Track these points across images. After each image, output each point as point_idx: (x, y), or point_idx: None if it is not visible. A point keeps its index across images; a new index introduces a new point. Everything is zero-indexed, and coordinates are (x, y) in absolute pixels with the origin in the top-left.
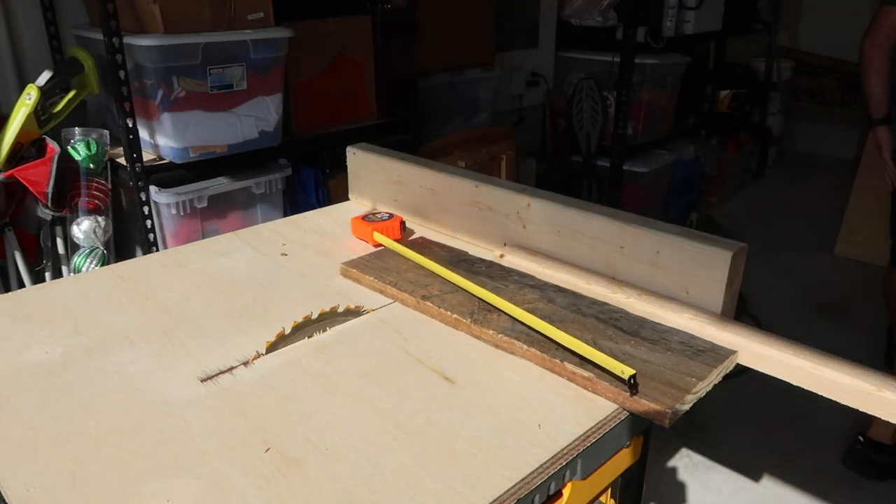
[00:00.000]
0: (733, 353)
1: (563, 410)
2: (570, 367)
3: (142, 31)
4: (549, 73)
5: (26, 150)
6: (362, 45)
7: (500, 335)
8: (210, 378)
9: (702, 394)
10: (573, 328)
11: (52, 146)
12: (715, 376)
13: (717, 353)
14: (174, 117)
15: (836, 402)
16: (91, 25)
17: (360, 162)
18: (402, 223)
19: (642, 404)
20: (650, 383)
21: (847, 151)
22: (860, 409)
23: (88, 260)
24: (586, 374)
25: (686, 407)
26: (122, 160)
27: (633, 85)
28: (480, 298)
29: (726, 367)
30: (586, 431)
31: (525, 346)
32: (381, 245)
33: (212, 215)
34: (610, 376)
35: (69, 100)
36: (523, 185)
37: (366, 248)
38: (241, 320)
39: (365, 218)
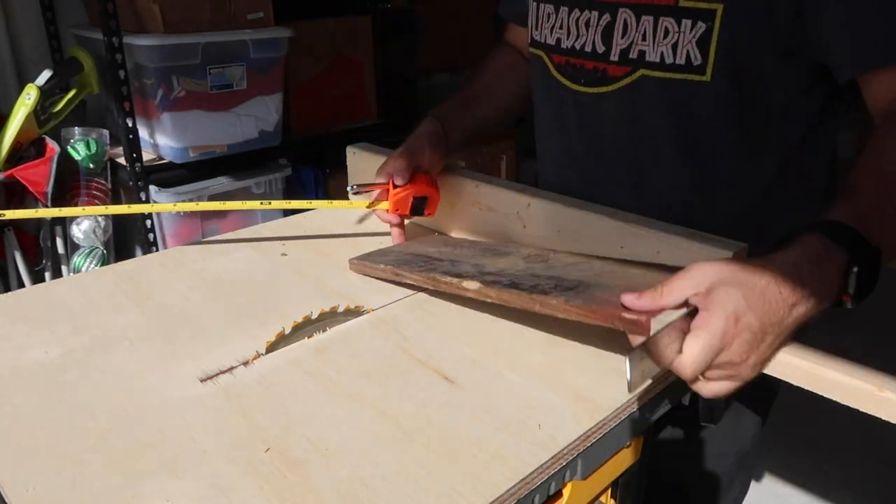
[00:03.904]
0: None
1: (563, 410)
2: (537, 297)
3: (142, 30)
4: None
5: (26, 149)
6: (362, 45)
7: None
8: (210, 378)
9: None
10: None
11: (52, 146)
12: None
13: None
14: (174, 117)
15: (836, 402)
16: (91, 25)
17: (360, 162)
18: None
19: (609, 313)
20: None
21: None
22: (861, 410)
23: (88, 260)
24: (554, 300)
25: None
26: (121, 160)
27: None
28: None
29: None
30: (586, 431)
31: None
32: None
33: (212, 215)
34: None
35: (69, 99)
36: (523, 185)
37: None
38: (241, 320)
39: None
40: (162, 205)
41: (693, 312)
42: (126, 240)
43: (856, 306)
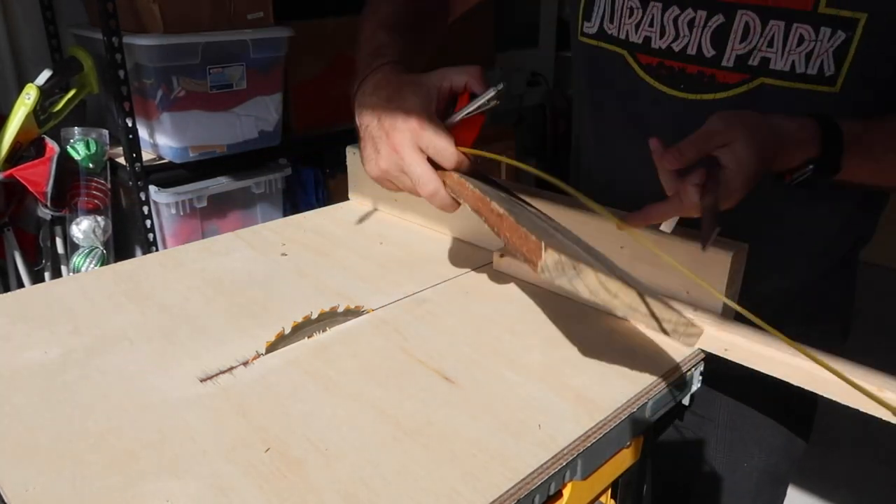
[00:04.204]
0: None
1: (563, 410)
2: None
3: (141, 30)
4: (549, 73)
5: (26, 149)
6: None
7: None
8: (210, 378)
9: None
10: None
11: (52, 146)
12: None
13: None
14: (174, 117)
15: (835, 402)
16: (90, 25)
17: (360, 162)
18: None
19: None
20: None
21: None
22: (861, 410)
23: (88, 260)
24: (500, 210)
25: None
26: (121, 160)
27: None
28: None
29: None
30: (586, 431)
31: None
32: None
33: (212, 215)
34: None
35: (69, 99)
36: (523, 185)
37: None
38: (241, 320)
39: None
40: None
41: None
42: (126, 240)
43: (788, 185)
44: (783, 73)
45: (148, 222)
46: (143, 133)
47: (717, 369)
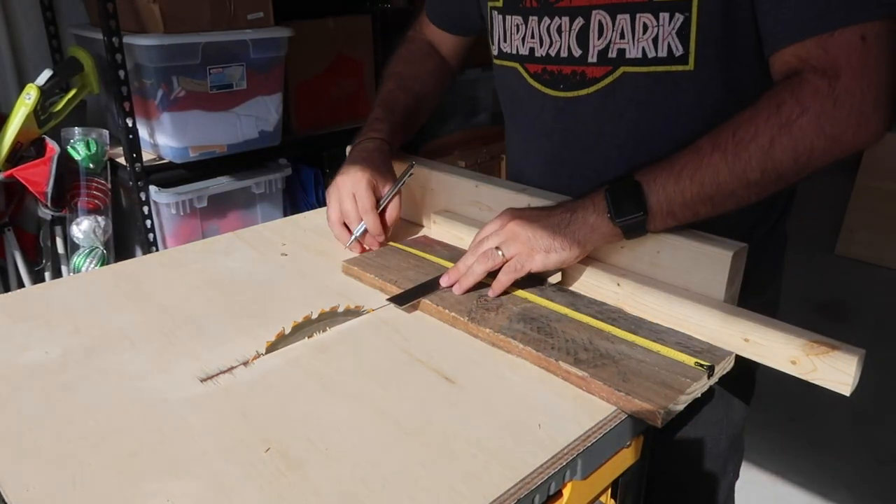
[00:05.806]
0: (730, 354)
1: (563, 410)
2: (564, 366)
3: (142, 30)
4: None
5: (26, 149)
6: (362, 45)
7: (496, 333)
8: (210, 378)
9: (697, 394)
10: (570, 326)
11: (52, 146)
12: (710, 377)
13: (714, 354)
14: (174, 117)
15: (835, 403)
16: (91, 25)
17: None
18: None
19: (635, 403)
20: (644, 383)
21: None
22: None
23: (88, 260)
24: (580, 373)
25: (679, 407)
26: (121, 160)
27: None
28: (479, 297)
29: (723, 367)
30: (586, 431)
31: (521, 345)
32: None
33: (212, 215)
34: (603, 376)
35: (69, 99)
36: (523, 185)
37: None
38: (241, 320)
39: None
40: None
41: None
42: (126, 240)
43: (625, 228)
44: (638, 60)
45: (148, 222)
46: (143, 133)
47: None
